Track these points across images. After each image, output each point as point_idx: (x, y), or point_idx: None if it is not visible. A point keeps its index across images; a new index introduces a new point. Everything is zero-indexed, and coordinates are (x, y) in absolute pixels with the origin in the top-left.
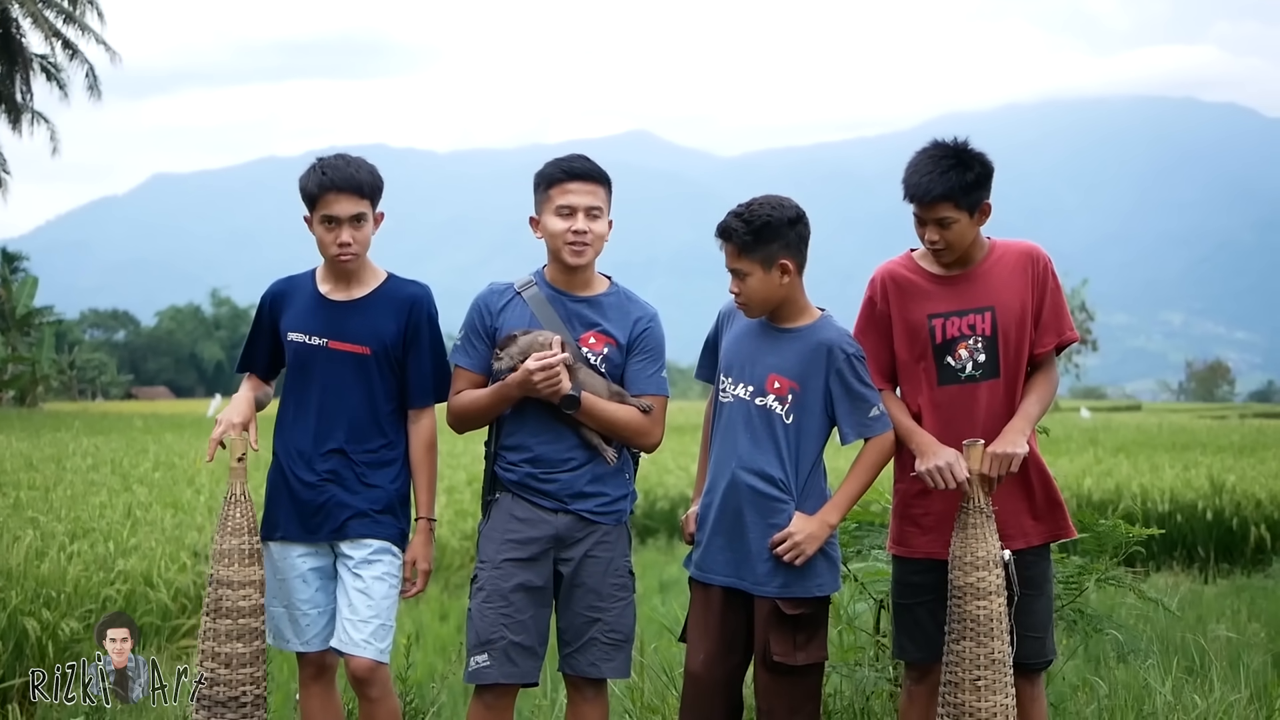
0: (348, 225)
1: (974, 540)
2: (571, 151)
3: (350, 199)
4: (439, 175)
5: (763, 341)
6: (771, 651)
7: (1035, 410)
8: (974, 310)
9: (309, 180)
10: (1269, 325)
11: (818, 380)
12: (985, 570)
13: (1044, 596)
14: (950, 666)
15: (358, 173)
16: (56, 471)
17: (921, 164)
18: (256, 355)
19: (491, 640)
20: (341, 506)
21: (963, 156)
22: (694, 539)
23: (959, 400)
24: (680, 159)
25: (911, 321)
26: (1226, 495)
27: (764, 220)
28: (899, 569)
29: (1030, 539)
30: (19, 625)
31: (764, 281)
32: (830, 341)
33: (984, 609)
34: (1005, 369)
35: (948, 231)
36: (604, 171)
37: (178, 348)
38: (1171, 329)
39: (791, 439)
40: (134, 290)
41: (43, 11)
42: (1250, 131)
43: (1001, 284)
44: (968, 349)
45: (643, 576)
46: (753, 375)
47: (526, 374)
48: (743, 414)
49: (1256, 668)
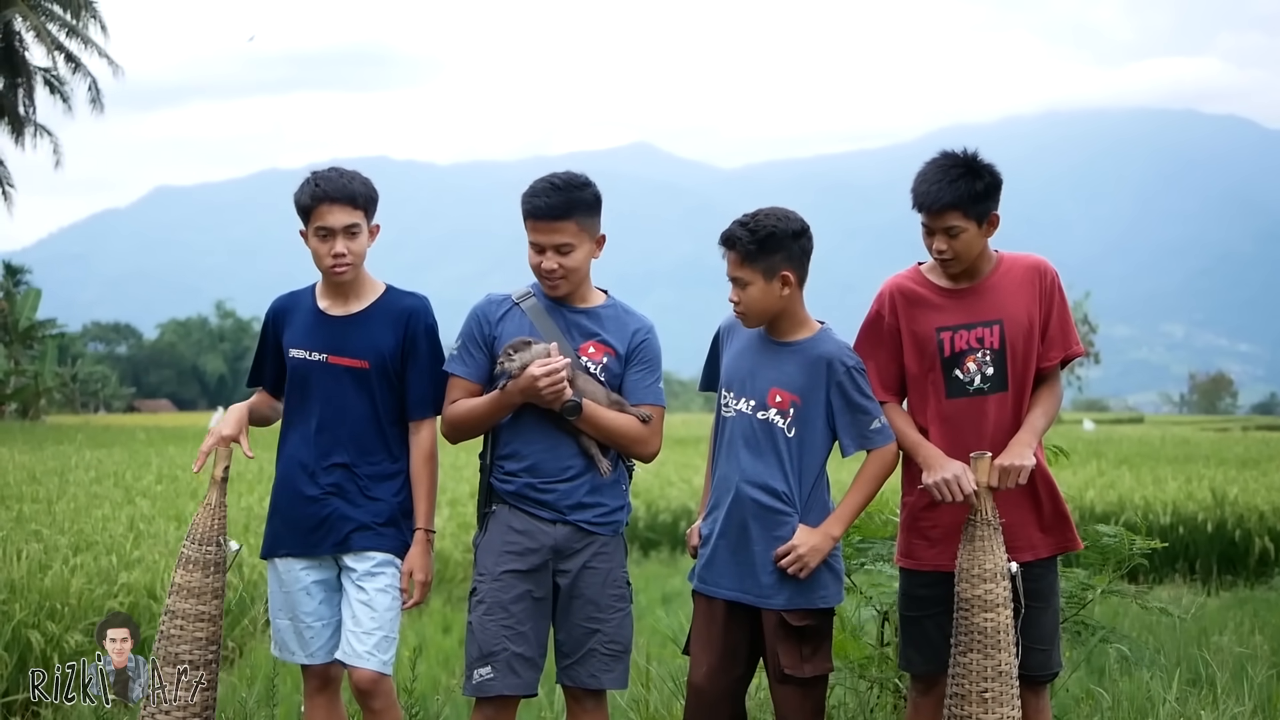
0: (342, 236)
1: (981, 553)
2: (571, 163)
3: (343, 209)
4: (440, 187)
5: (763, 356)
6: (781, 664)
7: (1041, 423)
8: (982, 323)
9: (302, 193)
10: (1272, 337)
11: (819, 393)
12: (992, 583)
13: (1050, 609)
14: (957, 679)
15: (350, 183)
16: (59, 484)
17: (931, 173)
18: (264, 370)
19: (494, 652)
20: (344, 520)
21: (972, 166)
22: (697, 552)
23: (967, 413)
24: (681, 171)
25: (920, 334)
26: (1229, 507)
27: (769, 231)
28: (906, 581)
29: (1038, 551)
30: (22, 638)
31: (764, 292)
32: (830, 354)
33: (991, 621)
34: (1013, 382)
35: (955, 241)
36: (568, 205)
37: (180, 360)
38: (1173, 341)
39: (794, 452)
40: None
41: (45, 25)
42: (1251, 143)
43: (1009, 297)
44: (976, 362)
45: (645, 589)
46: (754, 390)
47: (531, 379)
48: (745, 428)
49: (1261, 680)
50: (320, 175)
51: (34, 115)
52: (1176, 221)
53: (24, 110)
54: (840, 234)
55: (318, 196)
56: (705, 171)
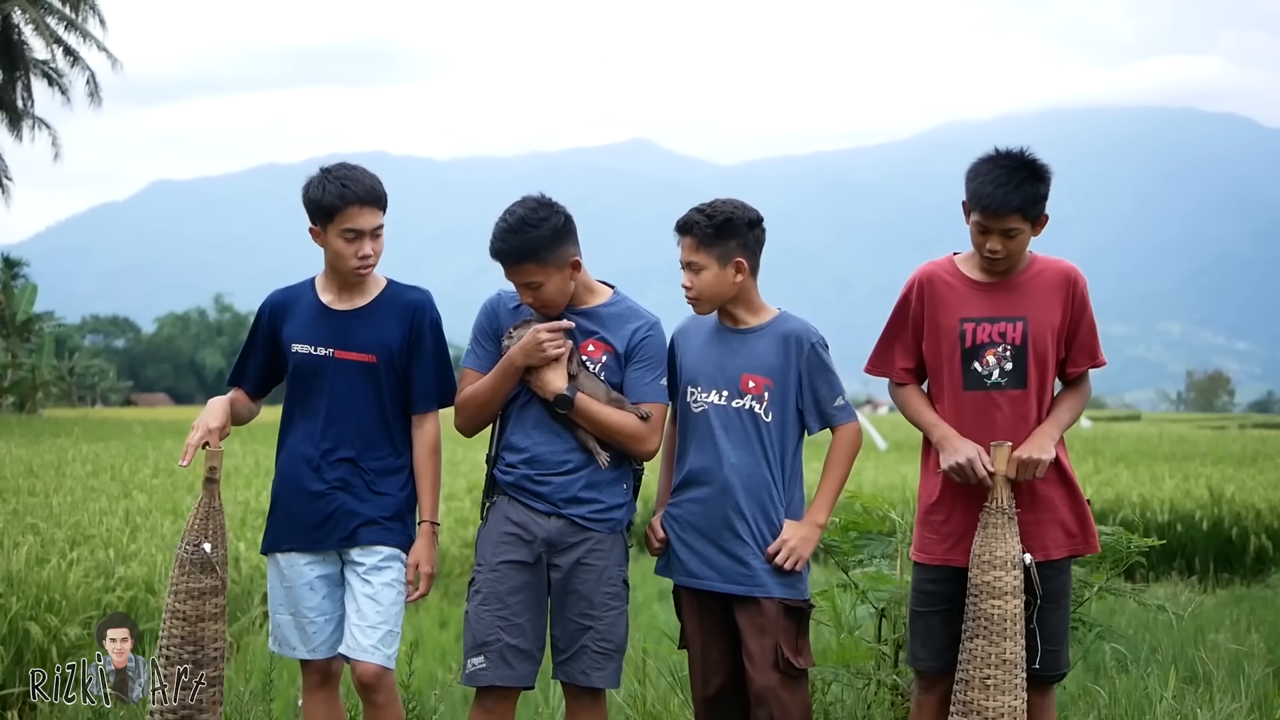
0: (369, 237)
1: (994, 540)
2: (569, 159)
3: (372, 211)
4: (439, 183)
5: (728, 345)
6: (784, 654)
7: (1066, 418)
8: (1007, 319)
9: (326, 193)
10: (1269, 335)
11: (790, 371)
12: (1002, 570)
13: (1060, 610)
14: (962, 664)
15: (376, 184)
16: (56, 478)
17: (994, 174)
18: (248, 368)
19: (488, 642)
20: (351, 515)
21: (1035, 169)
22: (664, 545)
23: (981, 407)
24: (680, 167)
25: (943, 324)
26: (1226, 505)
27: (726, 216)
28: (917, 575)
29: (1049, 552)
30: (20, 632)
31: (718, 277)
32: (795, 331)
33: (998, 608)
34: (1031, 381)
35: (1011, 242)
36: (523, 249)
37: (177, 354)
38: (1171, 339)
39: (775, 437)
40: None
41: (44, 18)
42: (1249, 142)
43: (1038, 297)
44: (996, 356)
45: (642, 584)
46: (725, 380)
47: (535, 335)
48: (720, 419)
49: (1257, 678)
50: (343, 176)
51: (32, 108)
52: (1175, 220)
53: (22, 103)
54: (837, 230)
55: (348, 199)
56: (703, 168)
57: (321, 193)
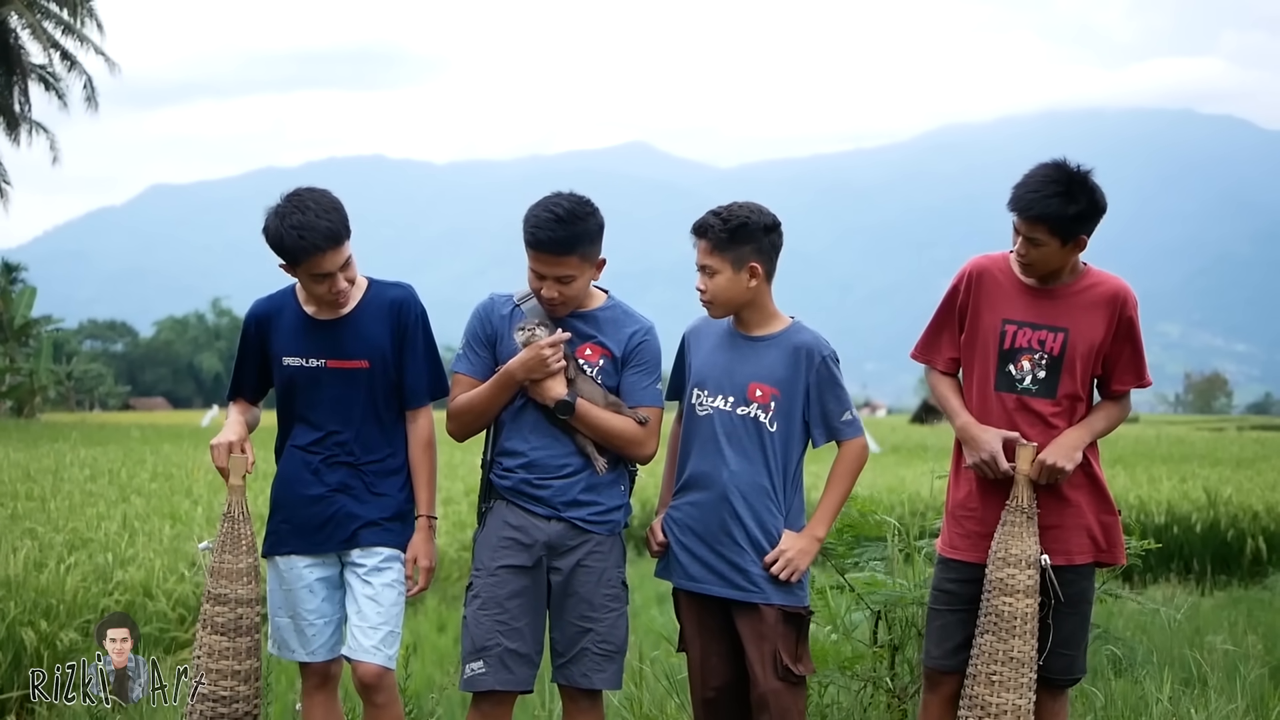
0: (338, 273)
1: (1011, 538)
2: (568, 163)
3: (335, 251)
4: (437, 187)
5: (738, 352)
6: (784, 660)
7: (1101, 426)
8: (1049, 328)
9: (285, 242)
10: (1267, 337)
11: (798, 384)
12: (1016, 568)
13: (1079, 614)
14: (972, 660)
15: (331, 222)
16: (54, 482)
17: (1034, 179)
18: (245, 380)
19: (487, 647)
20: (351, 517)
21: (1073, 188)
22: (664, 548)
23: (1008, 408)
24: (679, 170)
25: (985, 321)
26: (1223, 507)
27: (741, 221)
28: (940, 572)
29: (1072, 557)
30: (17, 636)
31: (732, 281)
32: (807, 344)
33: (1010, 606)
34: (1063, 393)
35: (1034, 250)
36: (571, 240)
37: (175, 358)
38: (1169, 341)
39: (778, 446)
40: (132, 301)
41: (41, 22)
42: (1247, 144)
43: (1084, 311)
44: (1031, 362)
45: (641, 587)
46: (732, 386)
47: (537, 352)
48: (724, 425)
49: (1254, 680)
50: (299, 225)
51: (29, 113)
52: (1174, 222)
53: (19, 108)
54: (837, 233)
55: (307, 250)
56: (702, 171)
57: (280, 242)
